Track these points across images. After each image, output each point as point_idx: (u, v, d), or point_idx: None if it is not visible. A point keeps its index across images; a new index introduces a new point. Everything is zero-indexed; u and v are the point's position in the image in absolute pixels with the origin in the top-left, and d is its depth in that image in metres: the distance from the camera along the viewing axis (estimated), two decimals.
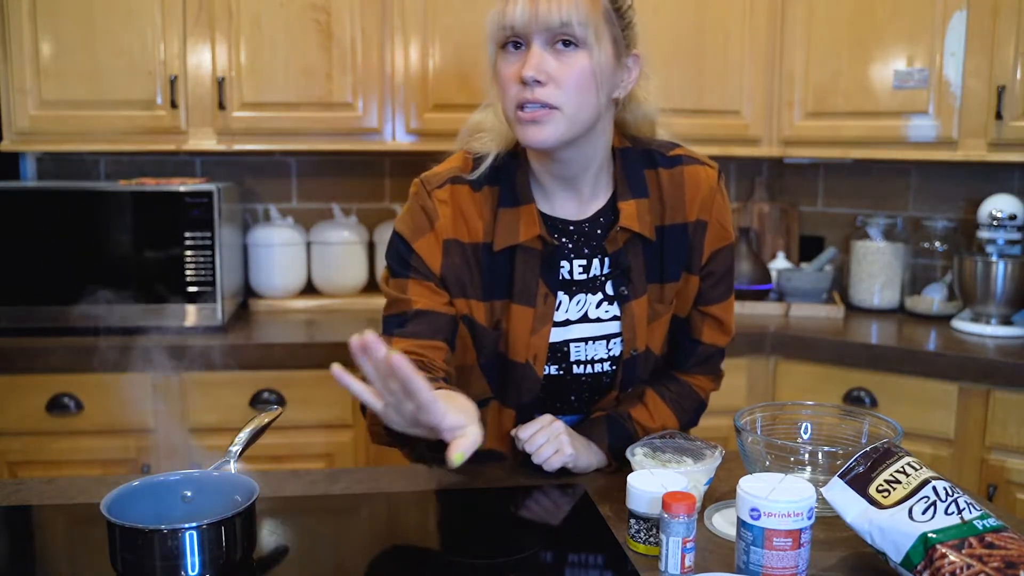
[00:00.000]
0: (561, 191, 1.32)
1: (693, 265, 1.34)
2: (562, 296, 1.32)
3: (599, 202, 1.33)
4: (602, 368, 1.35)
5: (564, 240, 1.32)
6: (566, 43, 1.18)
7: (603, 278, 1.33)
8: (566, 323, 1.33)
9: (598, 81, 1.21)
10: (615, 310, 1.33)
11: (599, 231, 1.33)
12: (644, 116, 1.37)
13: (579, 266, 1.32)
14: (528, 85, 1.18)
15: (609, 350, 1.34)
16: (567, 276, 1.32)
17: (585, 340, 1.33)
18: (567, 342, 1.33)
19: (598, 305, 1.33)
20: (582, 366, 1.34)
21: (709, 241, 1.34)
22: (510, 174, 1.32)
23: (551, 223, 1.32)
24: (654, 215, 1.32)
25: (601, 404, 1.38)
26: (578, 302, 1.33)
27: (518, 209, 1.30)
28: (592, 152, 1.28)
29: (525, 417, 1.33)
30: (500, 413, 1.36)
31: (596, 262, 1.33)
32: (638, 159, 1.34)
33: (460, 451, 0.97)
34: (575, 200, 1.32)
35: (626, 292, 1.32)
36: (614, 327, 1.34)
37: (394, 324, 1.30)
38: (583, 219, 1.33)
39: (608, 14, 1.21)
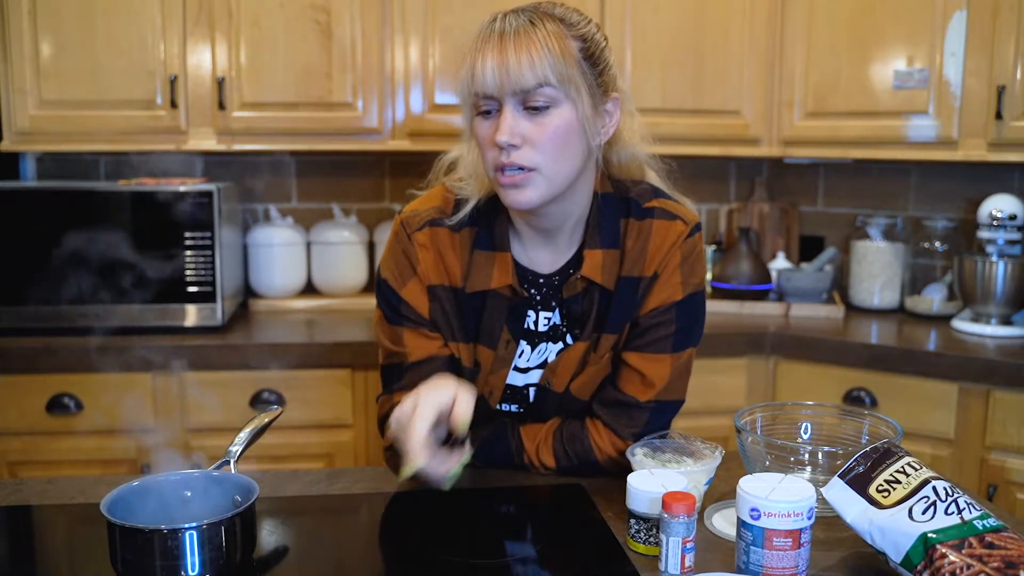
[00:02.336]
0: (538, 242, 1.30)
1: (633, 317, 1.30)
2: (524, 345, 1.33)
3: (571, 252, 1.31)
4: None
5: (533, 292, 1.32)
6: (536, 104, 1.15)
7: (563, 327, 1.33)
8: (527, 370, 1.34)
9: (576, 136, 1.18)
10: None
11: (567, 282, 1.31)
12: (631, 157, 1.33)
13: (544, 318, 1.32)
14: (504, 149, 1.15)
15: None
16: (531, 327, 1.32)
17: None
18: (527, 386, 1.35)
19: (558, 353, 1.33)
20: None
21: (654, 295, 1.29)
22: (489, 218, 1.30)
23: (523, 273, 1.31)
24: (618, 265, 1.29)
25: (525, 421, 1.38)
26: (540, 351, 1.34)
27: (493, 254, 1.29)
28: (573, 205, 1.27)
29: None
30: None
31: (558, 311, 1.32)
32: (616, 206, 1.30)
33: (463, 419, 1.10)
34: (551, 252, 1.31)
35: (579, 333, 1.32)
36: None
37: (394, 378, 1.32)
38: (554, 271, 1.31)
39: (580, 64, 1.17)
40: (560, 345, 1.33)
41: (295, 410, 2.24)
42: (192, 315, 2.32)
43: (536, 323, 1.32)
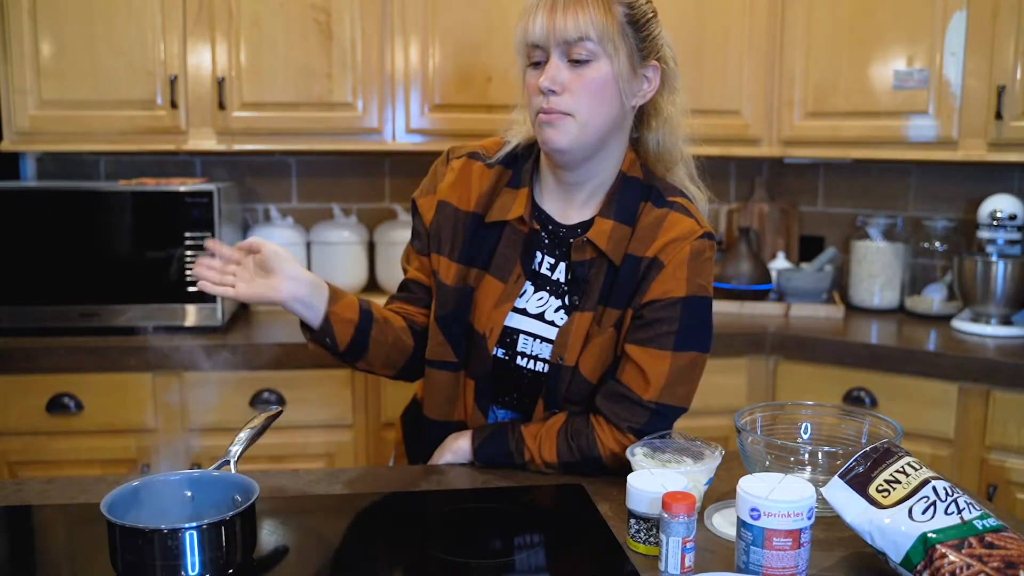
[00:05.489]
0: (557, 191, 1.39)
1: (634, 300, 1.33)
2: (528, 285, 1.38)
3: (586, 214, 1.38)
4: (542, 368, 1.37)
5: (543, 234, 1.38)
6: (578, 58, 1.26)
7: (565, 286, 1.37)
8: (524, 312, 1.37)
9: (611, 91, 1.28)
10: (567, 319, 1.36)
11: (573, 240, 1.37)
12: (669, 147, 1.40)
13: (548, 262, 1.38)
14: (545, 95, 1.26)
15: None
16: (536, 267, 1.38)
17: (534, 336, 1.37)
18: (518, 331, 1.37)
19: (556, 310, 1.37)
20: (525, 359, 1.38)
21: (656, 284, 1.31)
22: (522, 161, 1.41)
23: (537, 212, 1.39)
24: (627, 241, 1.34)
25: (536, 416, 1.39)
26: (540, 298, 1.38)
27: (517, 191, 1.38)
28: (600, 164, 1.35)
29: (482, 393, 1.41)
30: (465, 383, 1.42)
31: (562, 266, 1.37)
32: (638, 189, 1.36)
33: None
34: (566, 203, 1.39)
35: (577, 302, 1.35)
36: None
37: (399, 289, 1.48)
38: (565, 224, 1.38)
39: (623, 28, 1.27)
40: (559, 303, 1.37)
41: (295, 410, 2.24)
42: (192, 315, 2.32)
43: (540, 264, 1.38)
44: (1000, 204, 2.42)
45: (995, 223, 2.41)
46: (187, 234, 2.29)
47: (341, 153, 2.78)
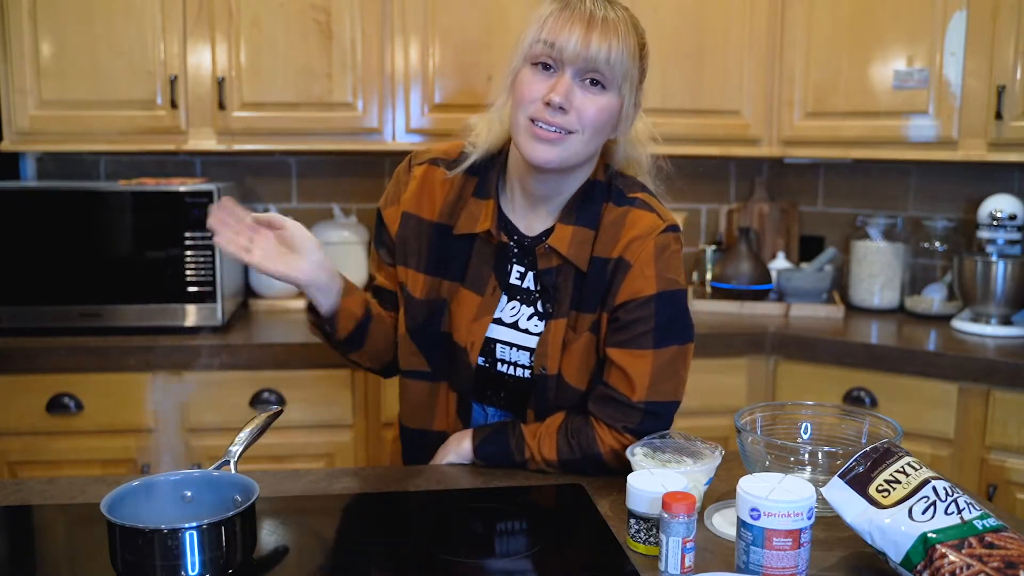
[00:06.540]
0: (524, 202, 1.37)
1: (607, 302, 1.33)
2: (502, 295, 1.38)
3: (550, 223, 1.37)
4: (523, 374, 1.38)
5: (511, 243, 1.38)
6: (594, 82, 1.24)
7: (536, 294, 1.37)
8: (499, 321, 1.38)
9: (610, 122, 1.28)
10: (542, 327, 1.36)
11: (537, 247, 1.37)
12: (635, 158, 1.41)
13: (518, 272, 1.38)
14: (551, 108, 1.23)
15: (531, 362, 1.37)
16: (506, 279, 1.38)
17: (511, 345, 1.38)
18: (496, 341, 1.38)
19: (529, 318, 1.37)
20: (506, 366, 1.39)
21: (626, 284, 1.31)
22: (487, 169, 1.39)
23: (504, 223, 1.38)
24: (591, 245, 1.33)
25: (528, 420, 1.39)
26: (513, 307, 1.38)
27: (484, 202, 1.37)
28: (571, 181, 1.34)
29: (465, 403, 1.42)
30: (447, 395, 1.42)
31: (531, 275, 1.37)
32: (601, 192, 1.36)
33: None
34: (532, 215, 1.38)
35: (551, 310, 1.35)
36: (536, 342, 1.37)
37: (371, 295, 1.49)
38: (530, 234, 1.38)
39: (639, 65, 1.28)
40: (531, 310, 1.37)
41: (295, 410, 2.24)
42: (192, 315, 2.32)
43: (510, 275, 1.38)
44: (1000, 204, 2.42)
45: (995, 223, 2.41)
46: (187, 234, 2.29)
47: (341, 153, 2.78)
